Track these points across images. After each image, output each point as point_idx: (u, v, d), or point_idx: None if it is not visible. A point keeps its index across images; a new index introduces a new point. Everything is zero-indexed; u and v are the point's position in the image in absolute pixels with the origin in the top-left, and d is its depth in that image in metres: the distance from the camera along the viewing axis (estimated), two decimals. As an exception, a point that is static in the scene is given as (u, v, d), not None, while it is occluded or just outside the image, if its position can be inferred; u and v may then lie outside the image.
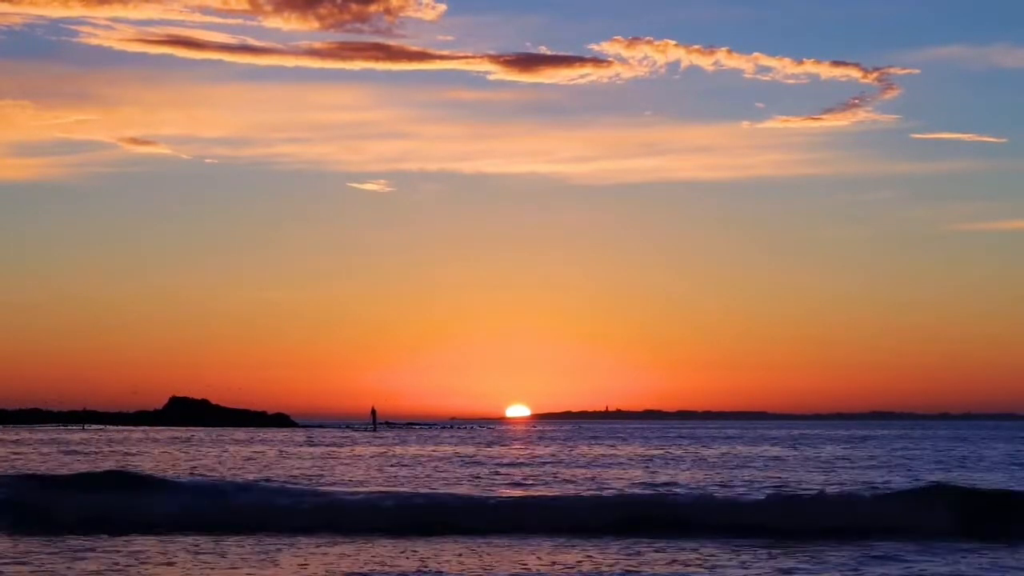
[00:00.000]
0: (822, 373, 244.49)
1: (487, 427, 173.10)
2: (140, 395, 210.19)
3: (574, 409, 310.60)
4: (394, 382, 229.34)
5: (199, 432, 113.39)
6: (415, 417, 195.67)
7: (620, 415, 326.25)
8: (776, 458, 58.01)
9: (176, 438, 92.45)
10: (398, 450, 69.32)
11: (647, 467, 49.12)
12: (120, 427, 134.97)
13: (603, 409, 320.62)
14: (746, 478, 40.78)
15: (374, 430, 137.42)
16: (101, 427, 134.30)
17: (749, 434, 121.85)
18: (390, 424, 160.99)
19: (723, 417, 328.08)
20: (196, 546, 22.17)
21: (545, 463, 52.36)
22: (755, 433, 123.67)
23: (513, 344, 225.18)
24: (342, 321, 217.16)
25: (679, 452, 66.06)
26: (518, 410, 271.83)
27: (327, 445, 78.96)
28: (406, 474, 43.95)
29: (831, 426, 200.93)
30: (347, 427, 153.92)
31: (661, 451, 67.62)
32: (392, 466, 49.92)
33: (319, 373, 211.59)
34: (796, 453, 64.72)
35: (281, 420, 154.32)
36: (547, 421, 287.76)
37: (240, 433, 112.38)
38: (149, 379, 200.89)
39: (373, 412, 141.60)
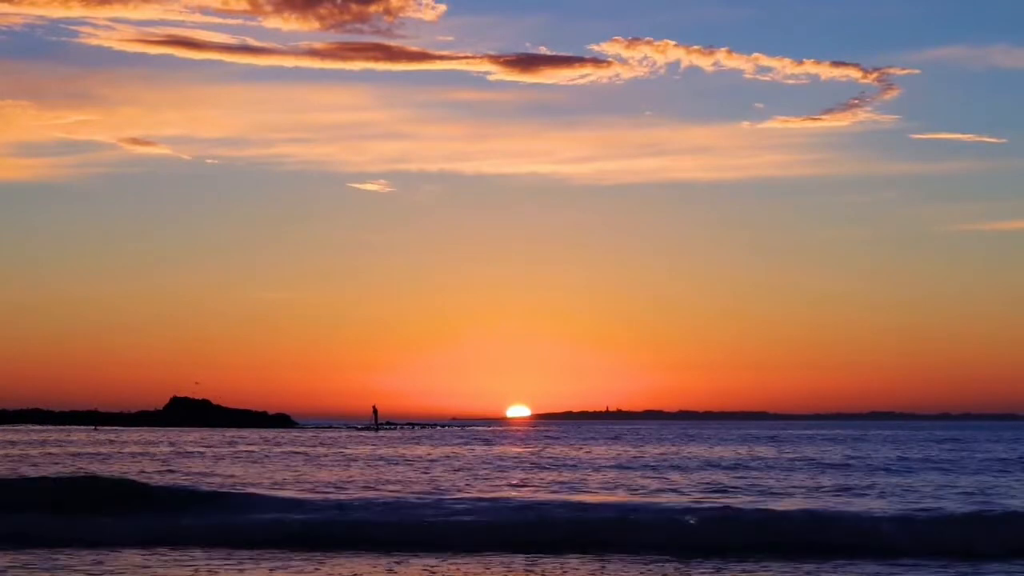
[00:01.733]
0: (822, 373, 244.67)
1: (492, 427, 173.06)
2: (156, 393, 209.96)
3: (574, 409, 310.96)
4: (394, 382, 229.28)
5: (201, 431, 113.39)
6: (416, 417, 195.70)
7: (620, 415, 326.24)
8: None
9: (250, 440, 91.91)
10: (478, 451, 68.05)
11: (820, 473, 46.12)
12: (135, 428, 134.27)
13: (603, 409, 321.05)
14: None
15: (376, 430, 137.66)
16: (113, 428, 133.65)
17: (824, 433, 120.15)
18: (391, 424, 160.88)
19: (723, 417, 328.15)
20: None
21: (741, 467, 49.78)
22: (829, 433, 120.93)
23: (513, 344, 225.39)
24: (342, 321, 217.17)
25: (836, 456, 61.26)
26: (518, 410, 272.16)
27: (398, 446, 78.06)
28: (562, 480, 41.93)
29: (877, 426, 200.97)
30: (348, 427, 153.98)
31: (784, 453, 64.30)
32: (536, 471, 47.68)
33: (320, 373, 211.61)
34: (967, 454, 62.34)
35: (282, 420, 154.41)
36: (548, 421, 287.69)
37: (252, 434, 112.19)
38: (150, 379, 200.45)
39: (374, 411, 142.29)
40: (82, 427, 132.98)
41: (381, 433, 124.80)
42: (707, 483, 39.51)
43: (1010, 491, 36.51)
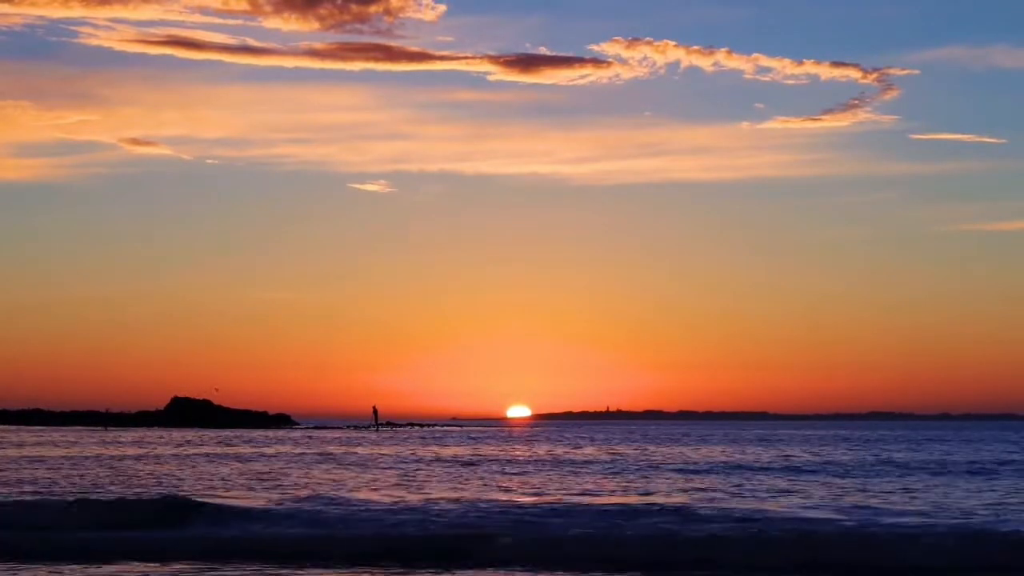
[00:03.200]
0: (822, 373, 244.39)
1: (494, 428, 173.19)
2: (157, 392, 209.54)
3: (575, 409, 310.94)
4: (395, 382, 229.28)
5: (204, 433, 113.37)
6: (416, 417, 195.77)
7: (621, 415, 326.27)
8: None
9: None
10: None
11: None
12: (140, 428, 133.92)
13: (604, 409, 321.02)
14: None
15: (376, 430, 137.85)
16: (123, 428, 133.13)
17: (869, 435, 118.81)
18: (391, 424, 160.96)
19: (723, 417, 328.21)
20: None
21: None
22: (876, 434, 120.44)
23: (514, 344, 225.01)
24: (343, 321, 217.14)
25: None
26: (519, 410, 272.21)
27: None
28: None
29: (869, 427, 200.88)
30: (350, 426, 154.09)
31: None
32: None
33: (320, 373, 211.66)
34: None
35: (283, 420, 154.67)
36: (548, 422, 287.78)
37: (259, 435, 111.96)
38: (150, 379, 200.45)
39: (375, 411, 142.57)
40: (90, 428, 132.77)
41: (383, 433, 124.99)
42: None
43: None
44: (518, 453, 66.28)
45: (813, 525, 26.66)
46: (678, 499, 33.68)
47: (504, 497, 34.14)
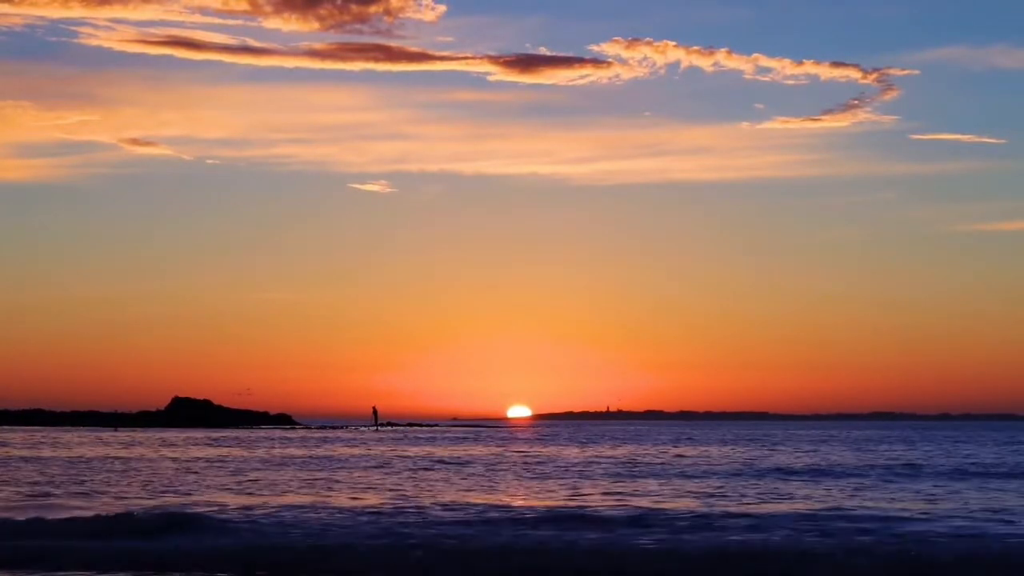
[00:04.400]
0: (822, 373, 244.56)
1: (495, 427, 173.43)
2: (157, 393, 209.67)
3: (575, 409, 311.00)
4: (395, 382, 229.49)
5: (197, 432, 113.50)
6: (416, 417, 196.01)
7: (621, 415, 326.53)
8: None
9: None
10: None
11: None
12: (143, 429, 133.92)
13: (604, 409, 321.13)
14: None
15: (376, 430, 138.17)
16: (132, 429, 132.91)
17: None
18: (391, 424, 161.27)
19: (724, 417, 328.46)
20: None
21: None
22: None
23: (514, 344, 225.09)
24: (343, 321, 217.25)
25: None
26: (519, 410, 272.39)
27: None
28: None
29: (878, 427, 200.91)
30: (348, 426, 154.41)
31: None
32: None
33: (319, 373, 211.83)
34: None
35: (283, 420, 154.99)
36: (548, 422, 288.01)
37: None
38: (150, 379, 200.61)
39: (375, 411, 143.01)
40: (98, 428, 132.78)
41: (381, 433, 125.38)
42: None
43: None
44: (475, 453, 65.79)
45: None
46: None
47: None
